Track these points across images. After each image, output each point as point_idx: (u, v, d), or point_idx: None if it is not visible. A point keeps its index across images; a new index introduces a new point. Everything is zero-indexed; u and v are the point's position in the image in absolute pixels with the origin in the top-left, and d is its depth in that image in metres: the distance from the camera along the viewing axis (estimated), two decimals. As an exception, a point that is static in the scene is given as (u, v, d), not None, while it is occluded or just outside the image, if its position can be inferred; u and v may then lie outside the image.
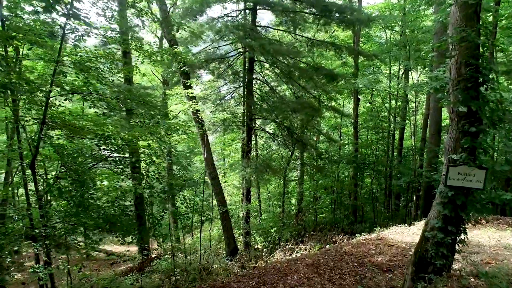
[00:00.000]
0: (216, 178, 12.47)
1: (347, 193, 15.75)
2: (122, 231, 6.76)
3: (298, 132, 14.14)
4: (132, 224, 9.13)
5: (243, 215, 13.81)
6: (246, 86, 12.91)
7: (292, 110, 11.74)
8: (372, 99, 17.01)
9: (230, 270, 9.35)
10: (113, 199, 6.76)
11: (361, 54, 12.99)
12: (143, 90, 14.41)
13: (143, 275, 12.28)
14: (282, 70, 12.20)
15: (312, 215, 15.12)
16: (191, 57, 11.09)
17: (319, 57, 15.85)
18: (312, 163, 15.04)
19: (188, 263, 11.83)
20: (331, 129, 18.74)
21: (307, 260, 7.11)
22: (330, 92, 13.24)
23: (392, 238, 7.84)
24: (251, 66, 12.73)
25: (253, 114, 13.09)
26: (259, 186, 18.24)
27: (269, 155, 15.68)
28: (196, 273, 9.68)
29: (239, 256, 12.05)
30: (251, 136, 13.57)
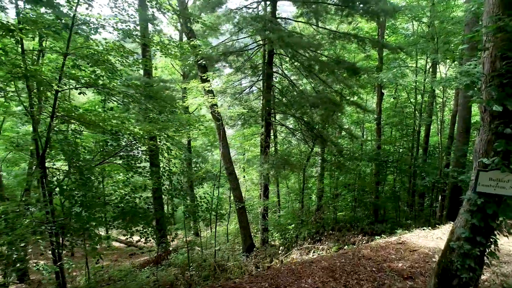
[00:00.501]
0: (233, 174, 12.29)
1: (368, 191, 15.26)
2: (139, 223, 6.72)
3: (318, 128, 13.74)
4: (149, 216, 9.17)
5: (261, 211, 13.61)
6: (265, 80, 12.60)
7: (311, 105, 11.36)
8: (397, 94, 16.34)
9: (244, 268, 9.16)
10: (129, 193, 6.69)
11: (386, 47, 12.41)
12: (162, 84, 14.39)
13: (159, 269, 12.33)
14: (302, 63, 11.80)
15: (332, 213, 14.74)
16: (208, 50, 10.88)
17: (342, 50, 15.32)
18: (332, 159, 14.61)
19: (204, 258, 11.77)
20: (353, 125, 18.20)
21: (322, 263, 6.82)
22: (352, 87, 12.75)
23: (414, 243, 7.41)
24: (270, 60, 12.39)
25: (272, 109, 12.79)
26: (278, 182, 17.99)
27: (288, 151, 15.35)
28: (211, 269, 9.56)
29: (255, 253, 11.86)
30: (269, 131, 13.29)
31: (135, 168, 5.75)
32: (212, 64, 11.43)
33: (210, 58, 11.02)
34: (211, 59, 11.05)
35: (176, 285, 8.88)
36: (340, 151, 13.59)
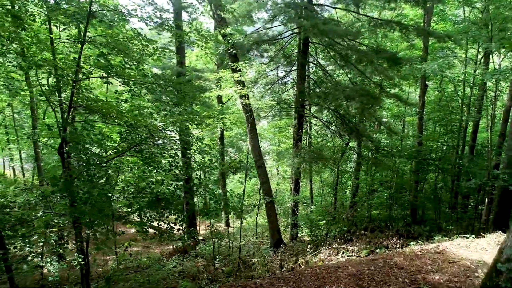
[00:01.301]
0: (262, 167, 11.95)
1: (406, 189, 14.36)
2: (170, 209, 6.64)
3: (354, 121, 13.04)
4: (179, 204, 9.15)
5: (291, 206, 13.23)
6: (299, 70, 12.07)
7: (346, 97, 10.70)
8: (442, 86, 15.14)
9: (268, 266, 8.86)
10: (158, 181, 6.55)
11: (432, 35, 11.39)
12: (194, 73, 14.24)
13: (186, 259, 12.35)
14: (338, 52, 11.11)
15: (366, 210, 14.03)
16: (239, 38, 10.49)
17: (383, 39, 14.36)
18: (368, 155, 13.86)
19: (230, 252, 11.62)
20: (393, 119, 17.19)
21: (350, 269, 6.34)
22: (392, 78, 11.88)
23: (454, 253, 6.71)
24: (305, 49, 11.82)
25: (305, 100, 12.25)
26: (311, 176, 17.46)
27: (321, 144, 14.75)
28: (235, 265, 9.36)
29: (282, 249, 11.54)
30: (302, 124, 12.78)
31: (154, 162, 5.53)
32: (244, 53, 11.04)
33: (242, 47, 10.64)
34: (242, 48, 10.67)
35: (199, 278, 8.76)
36: (377, 147, 12.83)
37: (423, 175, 13.79)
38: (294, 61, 12.57)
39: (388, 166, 12.93)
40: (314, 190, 18.26)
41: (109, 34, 4.98)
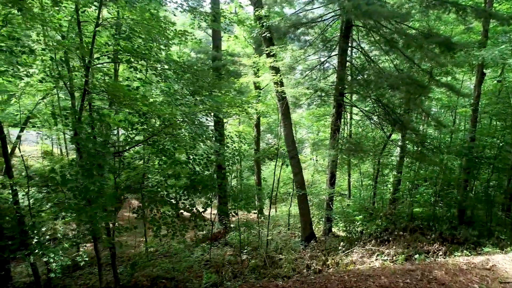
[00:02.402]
0: (295, 158, 11.39)
1: (454, 187, 13.17)
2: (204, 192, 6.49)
3: (398, 112, 12.02)
4: (213, 190, 8.99)
5: (326, 199, 12.60)
6: (339, 55, 11.23)
7: (390, 85, 9.77)
8: (503, 76, 13.54)
9: (295, 264, 8.40)
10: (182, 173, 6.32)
11: (494, 17, 10.04)
12: (229, 57, 13.80)
13: (215, 247, 12.22)
14: (383, 36, 10.13)
15: (407, 208, 13.07)
16: (274, 21, 9.85)
17: (436, 22, 13.01)
18: (412, 149, 12.82)
19: (259, 244, 11.30)
20: (443, 110, 15.78)
21: (382, 280, 5.71)
22: (444, 65, 10.71)
23: (507, 270, 5.84)
24: (347, 33, 10.94)
25: (345, 88, 11.43)
26: (349, 168, 16.64)
27: (360, 135, 13.88)
28: (261, 259, 9.00)
29: (313, 244, 11.03)
30: (340, 113, 11.98)
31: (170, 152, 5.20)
32: (280, 36, 10.39)
33: (277, 30, 10.00)
34: (278, 31, 10.03)
35: (222, 271, 8.51)
36: (422, 141, 11.77)
37: (474, 174, 12.54)
38: (334, 46, 11.72)
39: (434, 162, 11.85)
40: (352, 182, 17.45)
41: (127, 15, 4.64)
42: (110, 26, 4.86)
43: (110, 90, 4.67)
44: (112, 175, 4.74)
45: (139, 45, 4.89)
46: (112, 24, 4.81)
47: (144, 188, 6.48)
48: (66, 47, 4.75)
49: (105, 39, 5.40)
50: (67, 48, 4.78)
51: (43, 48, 5.10)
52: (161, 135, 4.89)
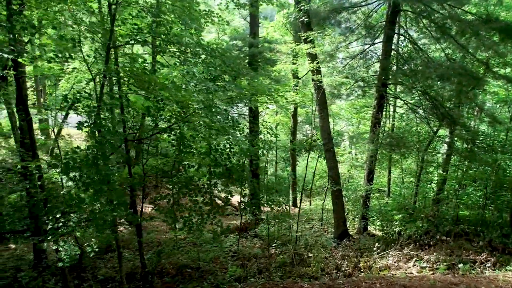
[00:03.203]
0: (331, 151, 10.82)
1: (506, 189, 11.95)
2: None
3: (447, 106, 11.01)
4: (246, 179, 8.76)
5: (362, 196, 11.95)
6: (384, 43, 10.43)
7: (439, 76, 8.88)
8: None
9: (325, 264, 7.94)
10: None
11: None
12: (266, 44, 13.35)
13: (245, 238, 12.02)
14: (434, 22, 9.21)
15: (452, 210, 12.05)
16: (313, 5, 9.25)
17: (496, 7, 11.71)
18: (460, 147, 11.76)
19: (290, 238, 10.92)
20: (499, 105, 14.35)
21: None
22: (503, 55, 9.61)
23: None
24: (393, 18, 10.11)
25: (388, 79, 10.63)
26: (390, 164, 15.70)
27: (402, 131, 12.96)
28: (290, 255, 8.63)
29: (346, 243, 10.49)
30: (382, 105, 11.21)
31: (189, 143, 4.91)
32: (319, 22, 9.77)
33: (316, 14, 9.39)
34: (317, 15, 9.42)
35: (248, 265, 8.25)
36: (473, 138, 10.73)
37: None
38: (378, 33, 10.89)
39: (486, 161, 10.78)
40: (392, 179, 16.51)
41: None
42: (128, 4, 4.61)
43: (126, 72, 4.44)
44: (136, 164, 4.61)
45: (163, 22, 4.60)
46: (130, 2, 4.56)
47: (176, 176, 6.33)
48: (92, 29, 4.59)
49: (134, 21, 5.20)
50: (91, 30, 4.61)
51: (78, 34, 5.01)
52: (179, 123, 4.62)
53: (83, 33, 4.91)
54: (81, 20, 4.98)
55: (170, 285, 7.63)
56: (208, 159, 4.96)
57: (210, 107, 4.28)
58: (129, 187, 7.10)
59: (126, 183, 6.04)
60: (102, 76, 4.42)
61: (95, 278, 8.18)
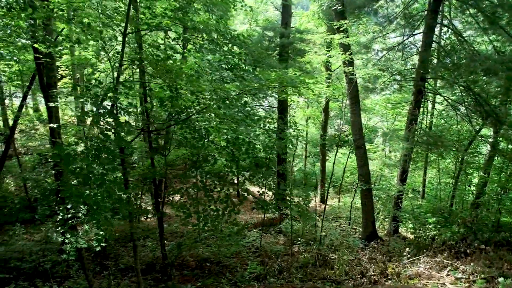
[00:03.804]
0: (362, 148, 10.28)
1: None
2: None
3: (493, 103, 10.13)
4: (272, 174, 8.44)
5: (394, 197, 11.32)
6: (425, 34, 9.69)
7: (485, 70, 8.10)
8: None
9: (349, 267, 7.52)
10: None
11: None
12: (298, 35, 12.89)
13: (268, 233, 11.76)
14: (481, 11, 8.40)
15: (493, 216, 11.17)
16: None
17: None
18: (505, 148, 10.84)
19: (316, 236, 10.54)
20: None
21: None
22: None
23: None
24: (436, 7, 9.34)
25: (428, 73, 9.89)
26: (426, 164, 14.84)
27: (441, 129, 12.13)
28: (312, 256, 8.27)
29: (374, 245, 9.99)
30: (420, 101, 10.48)
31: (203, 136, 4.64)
32: (354, 10, 9.19)
33: (351, 2, 8.84)
34: (352, 3, 8.86)
35: (269, 263, 7.98)
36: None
37: None
38: (419, 23, 10.15)
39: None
40: (428, 179, 15.63)
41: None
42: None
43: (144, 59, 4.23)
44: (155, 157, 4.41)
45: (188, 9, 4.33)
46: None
47: (201, 167, 6.16)
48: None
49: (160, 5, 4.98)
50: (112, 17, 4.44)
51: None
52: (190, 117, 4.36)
53: (105, 19, 4.75)
54: (104, 7, 4.85)
55: (189, 278, 7.52)
56: (225, 153, 4.71)
57: (224, 99, 3.98)
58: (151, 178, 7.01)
59: (148, 175, 5.91)
60: (118, 64, 4.24)
61: (117, 266, 8.23)
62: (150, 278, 7.36)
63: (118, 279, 7.26)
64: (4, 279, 6.92)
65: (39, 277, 7.05)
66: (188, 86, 4.02)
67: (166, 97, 4.26)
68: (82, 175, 3.06)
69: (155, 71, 4.13)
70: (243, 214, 14.87)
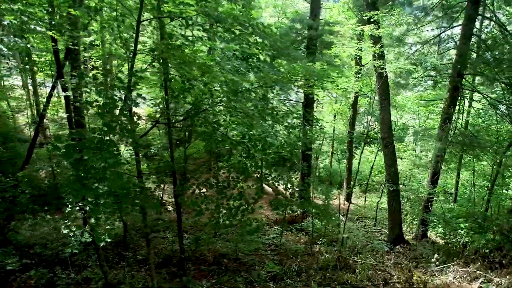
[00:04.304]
0: (390, 147, 9.77)
1: None
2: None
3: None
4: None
5: (424, 199, 10.74)
6: (464, 26, 9.01)
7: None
8: None
9: (372, 272, 7.12)
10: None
11: None
12: (326, 27, 12.40)
13: (289, 231, 11.47)
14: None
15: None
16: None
17: None
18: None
19: (339, 238, 10.16)
20: None
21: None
22: None
23: None
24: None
25: (465, 68, 9.22)
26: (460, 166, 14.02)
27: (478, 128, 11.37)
28: (332, 259, 7.91)
29: (400, 249, 9.50)
30: (456, 99, 9.82)
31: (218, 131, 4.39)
32: (386, 1, 8.66)
33: (384, -8, 8.32)
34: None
35: (287, 264, 7.70)
36: None
37: None
38: (457, 15, 9.46)
39: None
40: (461, 181, 14.79)
41: None
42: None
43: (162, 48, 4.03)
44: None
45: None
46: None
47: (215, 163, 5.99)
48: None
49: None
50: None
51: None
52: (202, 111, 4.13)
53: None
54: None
55: (205, 274, 7.38)
56: (241, 149, 4.47)
57: (235, 91, 3.70)
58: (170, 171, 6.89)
59: (162, 168, 5.78)
60: (131, 54, 4.08)
61: (135, 257, 8.22)
62: (165, 272, 7.27)
63: (135, 271, 7.22)
64: (26, 264, 7.03)
65: (59, 265, 7.12)
66: (200, 76, 3.78)
67: (178, 88, 4.05)
68: (82, 168, 2.91)
69: (170, 60, 3.91)
70: (265, 210, 14.65)
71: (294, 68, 4.51)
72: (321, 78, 4.74)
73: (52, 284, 6.43)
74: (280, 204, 5.42)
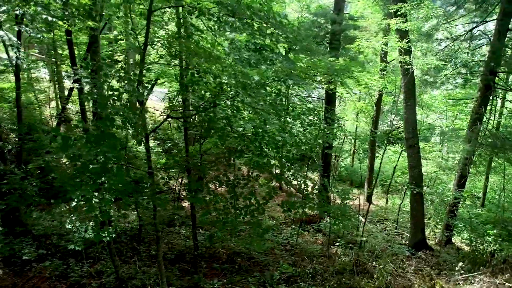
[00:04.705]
0: (415, 147, 9.33)
1: None
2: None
3: None
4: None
5: (449, 203, 10.25)
6: (499, 20, 8.46)
7: None
8: None
9: (391, 279, 6.79)
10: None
11: None
12: (350, 22, 11.99)
13: (307, 231, 11.20)
14: None
15: None
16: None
17: None
18: None
19: (357, 241, 9.83)
20: None
21: None
22: None
23: None
24: (515, -11, 8.09)
25: (499, 65, 8.67)
26: (489, 169, 13.32)
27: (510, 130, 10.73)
28: (349, 263, 7.61)
29: (422, 255, 9.07)
30: (488, 98, 9.28)
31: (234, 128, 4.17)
32: (415, -7, 8.21)
33: (413, -16, 7.88)
34: (414, -15, 7.89)
35: (301, 266, 7.47)
36: None
37: None
38: (492, 9, 8.88)
39: None
40: (490, 184, 14.07)
41: None
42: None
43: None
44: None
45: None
46: None
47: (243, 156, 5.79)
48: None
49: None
50: None
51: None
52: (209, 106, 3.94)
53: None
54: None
55: (217, 272, 7.25)
56: (253, 147, 4.26)
57: (244, 84, 3.46)
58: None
59: (172, 165, 5.65)
60: (142, 45, 3.93)
61: (149, 252, 8.18)
62: (177, 268, 7.18)
63: (147, 266, 7.16)
64: (42, 255, 7.10)
65: (74, 257, 7.15)
66: (208, 68, 3.57)
67: (187, 81, 3.88)
68: (80, 163, 2.78)
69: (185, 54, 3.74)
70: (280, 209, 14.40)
71: (314, 63, 4.25)
72: (341, 73, 4.45)
73: (65, 276, 6.45)
74: (292, 206, 5.18)
